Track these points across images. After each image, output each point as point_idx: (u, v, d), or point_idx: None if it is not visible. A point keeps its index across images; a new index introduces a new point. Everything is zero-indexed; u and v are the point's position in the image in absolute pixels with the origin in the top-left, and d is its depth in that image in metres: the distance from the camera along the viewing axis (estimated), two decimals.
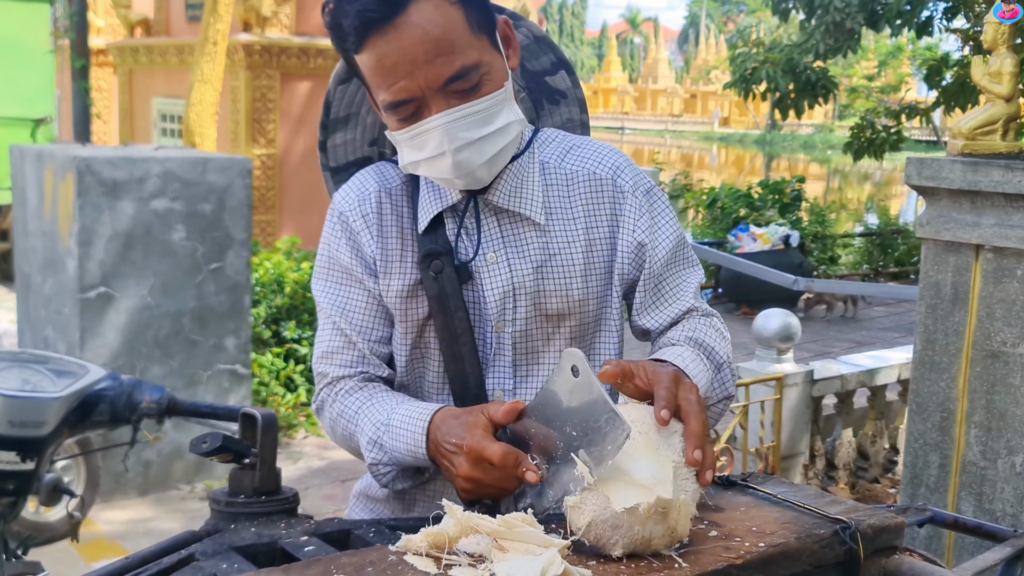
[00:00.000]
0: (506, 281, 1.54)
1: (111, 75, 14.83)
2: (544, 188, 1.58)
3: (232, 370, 5.58)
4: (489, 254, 1.55)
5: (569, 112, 1.79)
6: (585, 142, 1.65)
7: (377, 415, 1.53)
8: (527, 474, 1.28)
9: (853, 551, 1.27)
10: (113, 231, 5.08)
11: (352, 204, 1.60)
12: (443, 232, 1.56)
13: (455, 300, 1.54)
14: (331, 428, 1.63)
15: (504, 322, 1.55)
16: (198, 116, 7.99)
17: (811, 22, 9.94)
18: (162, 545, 1.39)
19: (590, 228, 1.58)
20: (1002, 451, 3.19)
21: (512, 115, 1.49)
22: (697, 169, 35.36)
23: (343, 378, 1.61)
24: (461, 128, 1.44)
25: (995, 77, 3.25)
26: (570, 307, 1.57)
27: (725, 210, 13.48)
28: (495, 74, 1.46)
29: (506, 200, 1.55)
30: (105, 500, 5.17)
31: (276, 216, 10.12)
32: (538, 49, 1.76)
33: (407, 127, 1.46)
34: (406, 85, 1.41)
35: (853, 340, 10.35)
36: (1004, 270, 3.14)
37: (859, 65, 42.80)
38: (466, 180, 1.50)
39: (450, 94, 1.43)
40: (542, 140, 1.63)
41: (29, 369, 2.48)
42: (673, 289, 1.62)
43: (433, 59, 1.40)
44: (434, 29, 1.39)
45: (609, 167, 1.60)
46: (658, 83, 69.58)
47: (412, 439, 1.45)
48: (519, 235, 1.56)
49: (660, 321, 1.61)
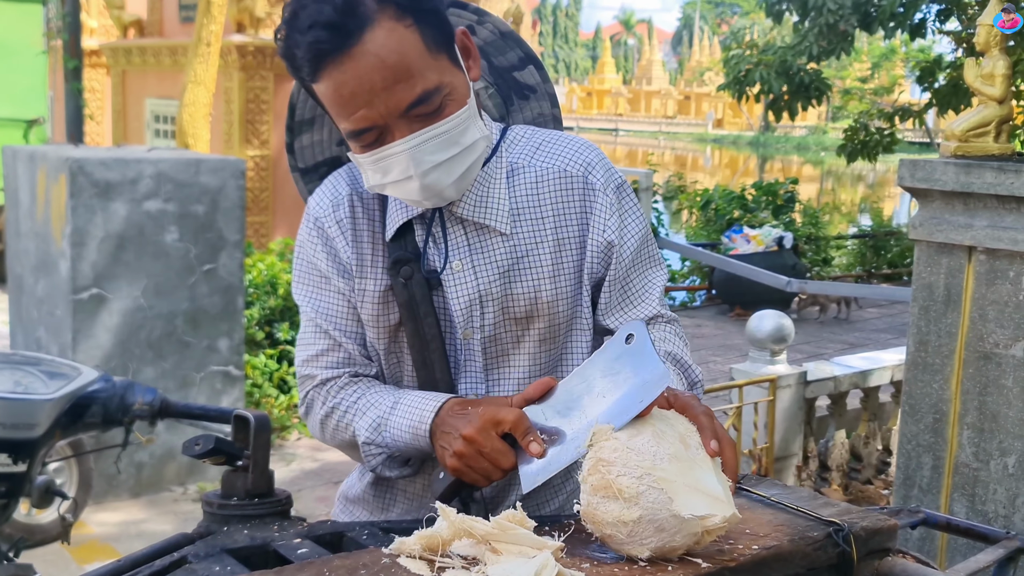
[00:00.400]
0: (472, 289, 1.54)
1: (104, 76, 14.80)
2: (511, 193, 1.56)
3: (225, 372, 5.57)
4: (455, 262, 1.54)
5: (540, 107, 1.77)
6: (555, 137, 1.63)
7: (384, 398, 1.54)
8: (531, 444, 1.31)
9: (846, 553, 1.27)
10: (106, 232, 5.07)
11: (327, 210, 1.59)
12: (412, 239, 1.56)
13: (424, 307, 1.54)
14: (321, 426, 1.62)
15: (472, 329, 1.55)
16: (191, 117, 7.97)
17: (805, 24, 9.95)
18: (154, 547, 1.39)
19: (559, 227, 1.57)
20: (995, 452, 3.19)
21: (477, 132, 1.47)
22: (691, 171, 35.40)
23: (331, 379, 1.60)
24: (426, 152, 1.42)
25: (988, 79, 3.25)
26: (539, 309, 1.56)
27: (719, 212, 13.50)
28: (457, 92, 1.44)
29: (471, 211, 1.54)
30: (97, 502, 5.16)
31: (269, 217, 10.11)
32: (504, 45, 1.74)
33: (370, 151, 1.44)
34: (366, 114, 1.38)
35: (846, 341, 10.37)
36: (997, 272, 3.15)
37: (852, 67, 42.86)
38: (434, 200, 1.49)
39: (412, 119, 1.40)
40: (511, 140, 1.62)
41: (21, 371, 2.47)
42: (639, 291, 1.62)
43: (392, 86, 1.37)
44: (390, 56, 1.36)
45: (580, 163, 1.59)
46: (652, 85, 69.62)
47: (419, 416, 1.47)
48: (484, 242, 1.55)
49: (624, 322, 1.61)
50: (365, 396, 1.56)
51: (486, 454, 1.36)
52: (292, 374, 6.75)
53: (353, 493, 1.72)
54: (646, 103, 68.13)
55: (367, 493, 1.70)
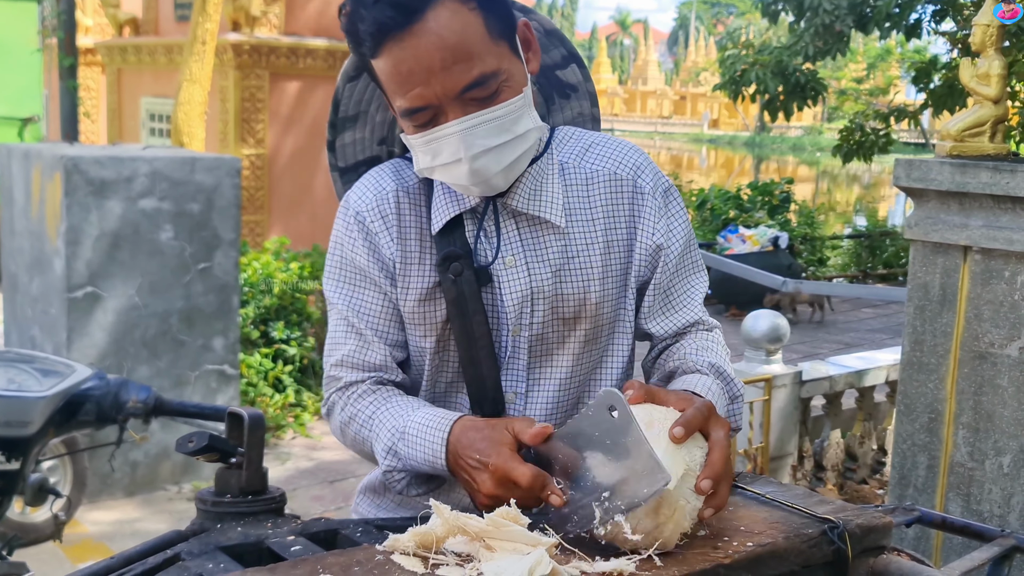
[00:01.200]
0: (525, 285, 1.52)
1: (99, 74, 14.76)
2: (564, 190, 1.56)
3: (220, 370, 5.56)
4: (508, 257, 1.53)
5: (580, 106, 1.76)
6: (603, 140, 1.63)
7: (392, 421, 1.50)
8: (551, 497, 1.26)
9: (841, 551, 1.26)
10: (101, 230, 5.06)
11: (370, 204, 1.57)
12: (462, 234, 1.54)
13: (474, 303, 1.52)
14: (341, 432, 1.60)
15: (521, 326, 1.54)
16: (187, 116, 7.96)
17: (800, 24, 9.96)
18: (147, 545, 1.38)
19: (609, 229, 1.56)
20: (990, 452, 3.19)
21: (531, 122, 1.47)
22: (686, 171, 35.41)
23: (356, 382, 1.58)
24: (478, 135, 1.41)
25: (983, 79, 3.25)
26: (586, 310, 1.55)
27: (714, 211, 13.51)
28: (514, 80, 1.43)
29: (525, 204, 1.53)
30: (92, 501, 5.15)
31: (265, 216, 10.09)
32: (548, 43, 1.73)
33: (423, 132, 1.44)
34: (422, 92, 1.38)
35: (842, 341, 10.38)
36: (992, 271, 3.15)
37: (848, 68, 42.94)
38: (482, 187, 1.47)
39: (467, 101, 1.40)
40: (560, 139, 1.61)
41: (14, 368, 2.46)
42: (681, 296, 1.61)
43: (450, 67, 1.37)
44: (451, 36, 1.36)
45: (630, 167, 1.58)
46: (648, 85, 69.71)
47: (431, 449, 1.43)
48: (538, 238, 1.54)
49: (666, 328, 1.60)
50: (377, 415, 1.53)
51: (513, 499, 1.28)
52: (287, 373, 6.75)
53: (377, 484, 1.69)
54: (642, 103, 68.21)
55: None
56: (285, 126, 10.12)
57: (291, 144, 10.14)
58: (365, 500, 1.73)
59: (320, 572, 1.13)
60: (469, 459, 1.37)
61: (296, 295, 6.97)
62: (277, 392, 6.67)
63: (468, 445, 1.38)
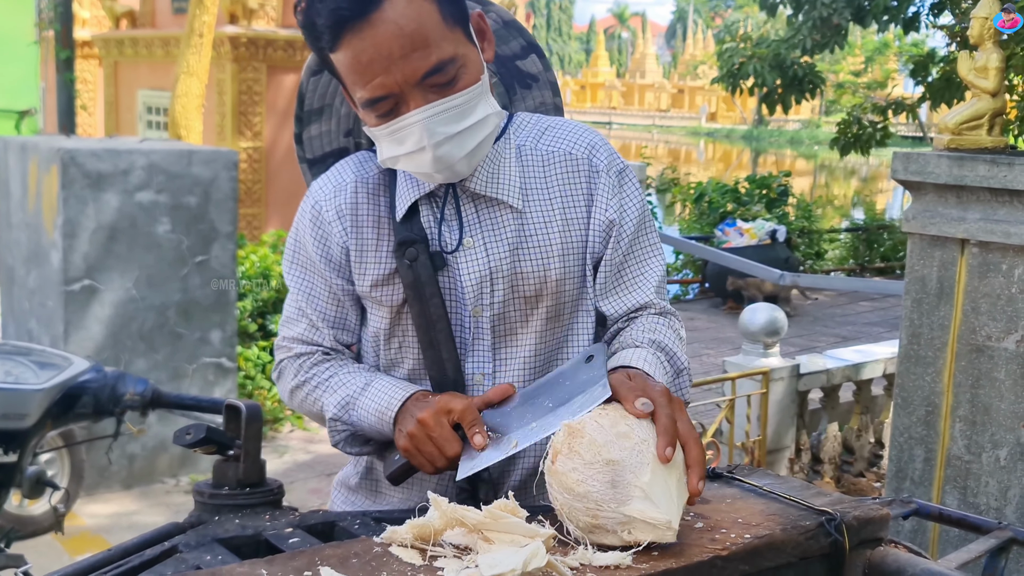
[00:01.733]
0: (483, 265, 1.56)
1: (96, 67, 14.73)
2: (521, 171, 1.59)
3: (218, 363, 5.55)
4: (466, 239, 1.56)
5: (542, 96, 1.80)
6: (559, 123, 1.66)
7: (356, 379, 1.58)
8: (476, 436, 1.39)
9: (838, 543, 1.27)
10: (97, 223, 5.05)
11: (328, 195, 1.62)
12: (418, 220, 1.58)
13: (430, 287, 1.55)
14: (290, 394, 1.68)
15: (482, 306, 1.57)
16: (184, 108, 7.95)
17: (798, 17, 9.95)
18: (145, 537, 1.38)
19: (566, 208, 1.59)
20: (987, 445, 3.20)
21: (489, 107, 1.50)
22: (684, 164, 35.40)
23: (306, 354, 1.65)
24: (440, 123, 1.44)
25: (981, 72, 3.25)
26: (547, 287, 1.58)
27: (712, 205, 13.49)
28: (471, 67, 1.47)
29: (483, 186, 1.56)
30: (89, 493, 5.15)
31: (262, 209, 10.09)
32: (507, 34, 1.76)
33: (386, 123, 1.46)
34: (383, 81, 1.41)
35: (839, 335, 10.38)
36: (989, 264, 3.15)
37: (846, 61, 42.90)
38: (446, 174, 1.51)
39: (427, 88, 1.43)
40: (517, 124, 1.64)
41: (11, 361, 2.46)
42: (635, 278, 1.63)
43: (409, 54, 1.40)
44: (408, 24, 1.39)
45: (584, 146, 1.62)
46: (646, 78, 69.58)
47: (387, 401, 1.51)
48: (496, 219, 1.57)
49: (617, 309, 1.63)
50: (338, 375, 1.61)
51: (434, 439, 1.42)
52: None
53: (352, 482, 1.74)
54: (640, 96, 68.12)
55: (364, 481, 1.72)
56: (282, 119, 10.10)
57: (288, 137, 10.12)
58: (340, 495, 1.78)
59: (318, 564, 1.13)
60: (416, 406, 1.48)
61: None
62: (276, 386, 6.66)
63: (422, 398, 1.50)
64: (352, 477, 1.74)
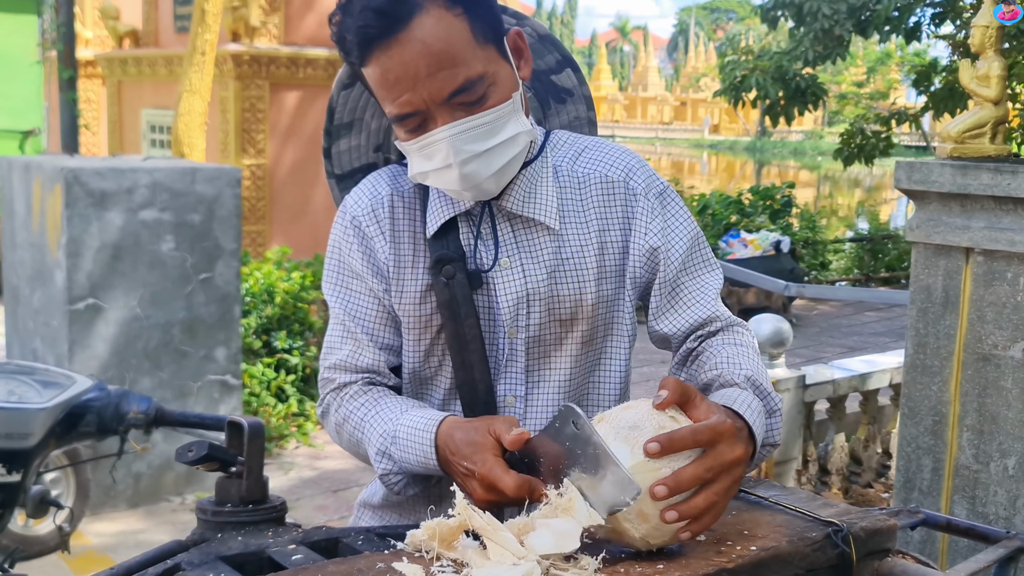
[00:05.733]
0: (520, 287, 1.53)
1: (99, 86, 14.79)
2: (558, 192, 1.57)
3: (223, 381, 5.55)
4: (503, 259, 1.54)
5: (576, 110, 1.78)
6: (596, 144, 1.64)
7: (383, 425, 1.50)
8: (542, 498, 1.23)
9: (845, 554, 1.26)
10: (101, 242, 5.06)
11: (365, 208, 1.58)
12: (455, 237, 1.55)
13: (466, 307, 1.52)
14: (336, 433, 1.61)
15: (517, 328, 1.54)
16: (187, 127, 7.96)
17: (800, 29, 9.97)
18: (148, 555, 1.37)
19: (603, 231, 1.57)
20: (995, 454, 3.18)
21: (520, 126, 1.48)
22: (688, 176, 35.40)
23: (349, 383, 1.59)
24: (466, 141, 1.43)
25: (983, 80, 3.25)
26: (583, 311, 1.55)
27: (716, 216, 13.50)
28: (502, 84, 1.45)
29: (520, 206, 1.54)
30: (95, 512, 5.14)
31: (266, 226, 10.10)
32: (542, 48, 1.74)
33: (414, 138, 1.46)
34: (410, 99, 1.41)
35: (845, 345, 10.36)
36: (994, 273, 3.14)
37: (848, 72, 42.95)
38: (474, 192, 1.49)
39: (455, 107, 1.42)
40: (554, 143, 1.62)
41: (15, 380, 2.46)
42: (692, 293, 1.58)
43: (435, 73, 1.39)
44: (436, 43, 1.38)
45: (622, 169, 1.59)
46: (648, 91, 69.71)
47: (422, 451, 1.43)
48: (533, 240, 1.55)
49: (678, 326, 1.57)
50: (368, 417, 1.53)
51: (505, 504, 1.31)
52: (289, 382, 6.74)
53: (375, 501, 1.69)
54: (642, 109, 68.24)
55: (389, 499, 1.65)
56: (285, 136, 10.12)
57: (292, 154, 10.15)
58: (365, 514, 1.73)
59: None
60: (458, 465, 1.36)
61: (298, 304, 6.96)
62: (280, 402, 6.66)
63: (455, 450, 1.37)
64: (375, 496, 1.69)
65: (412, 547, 1.18)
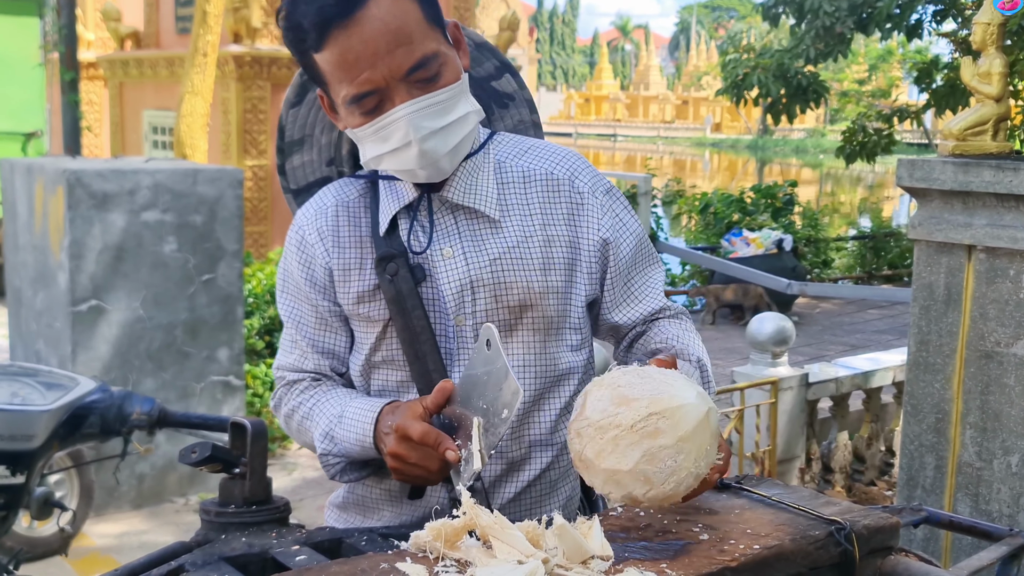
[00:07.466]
0: (463, 274, 1.57)
1: (101, 88, 14.79)
2: (499, 185, 1.61)
3: (225, 381, 5.56)
4: (445, 248, 1.58)
5: (519, 114, 1.83)
6: (541, 144, 1.69)
7: (332, 408, 1.59)
8: (447, 453, 1.39)
9: (848, 552, 1.26)
10: (104, 244, 5.06)
11: (309, 219, 1.65)
12: (398, 234, 1.60)
13: (411, 300, 1.57)
14: (286, 423, 1.71)
15: (464, 315, 1.58)
16: (189, 128, 7.96)
17: (801, 27, 9.97)
18: (152, 556, 1.38)
19: (547, 225, 1.61)
20: (998, 451, 3.18)
21: (470, 105, 1.54)
22: (690, 175, 35.40)
23: (297, 381, 1.68)
24: (424, 117, 1.48)
25: (984, 78, 3.25)
26: (532, 298, 1.59)
27: (718, 215, 13.49)
28: (451, 65, 1.51)
29: (460, 196, 1.58)
30: (98, 514, 5.14)
31: (268, 227, 10.10)
32: (480, 55, 1.79)
33: (370, 121, 1.49)
34: (369, 76, 1.45)
35: (848, 343, 10.36)
36: (997, 270, 3.14)
37: (850, 69, 42.91)
38: (429, 171, 1.52)
39: (412, 84, 1.46)
40: (497, 141, 1.67)
41: (18, 382, 2.47)
42: (643, 287, 1.68)
43: (394, 50, 1.44)
44: (393, 21, 1.43)
45: (567, 169, 1.65)
46: (650, 90, 69.68)
47: (361, 429, 1.53)
48: (475, 230, 1.59)
49: (632, 317, 1.68)
50: (318, 405, 1.63)
51: (414, 463, 1.44)
52: None
53: (339, 500, 1.77)
54: (644, 108, 68.22)
55: (350, 496, 1.74)
56: None
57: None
58: (332, 515, 1.81)
59: None
60: (384, 429, 1.48)
61: None
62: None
63: (388, 419, 1.49)
64: (338, 496, 1.77)
65: (416, 548, 1.19)
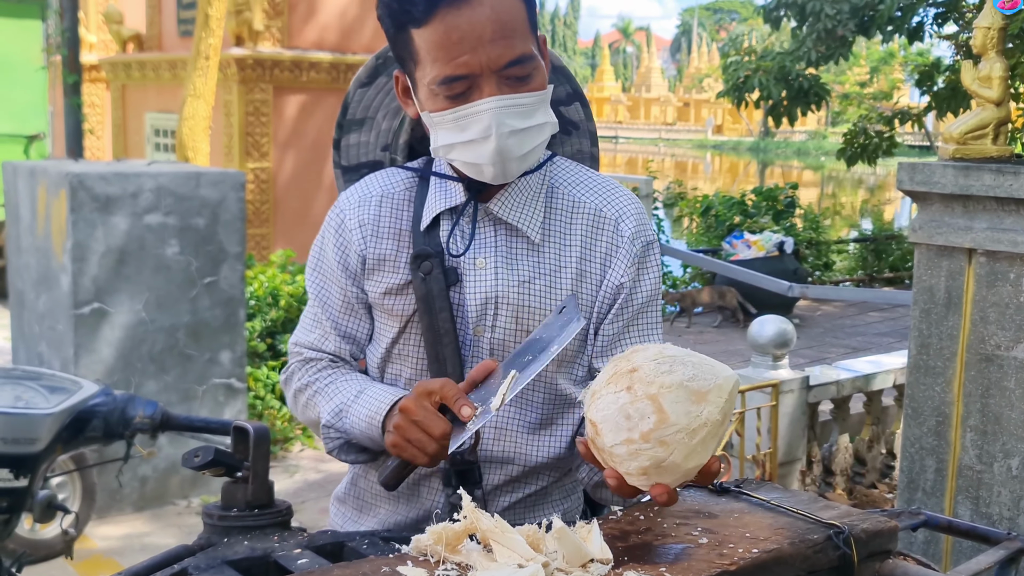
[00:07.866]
0: (490, 288, 1.57)
1: (104, 91, 14.80)
2: (547, 209, 1.60)
3: (227, 384, 5.56)
4: (479, 258, 1.57)
5: (580, 144, 1.82)
6: (598, 179, 1.67)
7: (351, 386, 1.60)
8: (462, 409, 1.38)
9: (847, 556, 1.26)
10: (106, 246, 5.07)
11: (352, 204, 1.65)
12: (437, 234, 1.60)
13: (440, 301, 1.57)
14: (294, 397, 1.70)
15: (483, 327, 1.58)
16: (191, 131, 7.98)
17: (803, 29, 9.98)
18: (155, 560, 1.39)
19: (584, 260, 1.60)
20: (998, 455, 3.19)
21: (550, 116, 1.54)
22: (691, 177, 35.39)
23: (314, 359, 1.68)
24: (509, 115, 1.48)
25: (985, 82, 3.25)
26: None
27: (719, 218, 13.50)
28: (541, 72, 1.52)
29: (506, 212, 1.58)
30: (101, 516, 5.15)
31: (270, 230, 10.11)
32: (555, 79, 1.77)
33: (454, 107, 1.48)
34: (468, 60, 1.45)
35: (849, 346, 10.36)
36: (997, 274, 3.15)
37: (851, 72, 42.94)
38: (497, 169, 1.51)
39: (504, 79, 1.47)
40: (556, 164, 1.66)
41: (21, 386, 2.47)
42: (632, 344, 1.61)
43: (498, 39, 1.44)
44: (504, 12, 1.45)
45: (616, 209, 1.62)
46: (651, 92, 69.69)
47: (377, 406, 1.52)
48: (512, 248, 1.59)
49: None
50: (336, 382, 1.63)
51: (419, 422, 1.41)
52: None
53: (341, 493, 1.79)
54: (645, 110, 68.22)
55: (351, 490, 1.75)
56: (289, 140, 10.14)
57: (295, 157, 10.17)
58: (333, 508, 1.82)
59: None
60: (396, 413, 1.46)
61: (302, 307, 6.97)
62: (284, 405, 6.67)
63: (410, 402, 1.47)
64: (341, 489, 1.78)
65: (417, 551, 1.19)
